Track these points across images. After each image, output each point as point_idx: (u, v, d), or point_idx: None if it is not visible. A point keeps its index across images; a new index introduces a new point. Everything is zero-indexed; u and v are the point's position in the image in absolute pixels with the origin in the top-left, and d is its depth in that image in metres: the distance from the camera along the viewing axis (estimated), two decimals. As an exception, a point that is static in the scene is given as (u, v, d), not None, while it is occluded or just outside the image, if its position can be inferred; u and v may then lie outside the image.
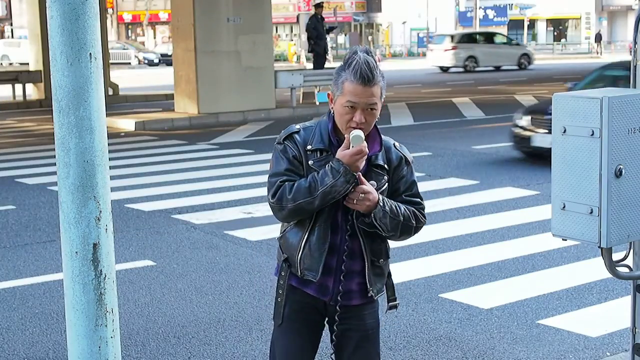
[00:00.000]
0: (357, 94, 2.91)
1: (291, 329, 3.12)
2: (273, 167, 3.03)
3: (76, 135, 2.29)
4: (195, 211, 8.97)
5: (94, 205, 2.32)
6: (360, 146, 2.89)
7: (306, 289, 3.08)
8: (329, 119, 3.05)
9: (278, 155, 3.03)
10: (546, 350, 5.05)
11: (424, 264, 6.90)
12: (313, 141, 3.01)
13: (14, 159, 13.08)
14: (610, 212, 3.17)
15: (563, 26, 69.32)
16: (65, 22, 2.26)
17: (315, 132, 3.03)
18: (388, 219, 2.98)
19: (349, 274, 3.05)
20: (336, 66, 3.42)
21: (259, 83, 19.01)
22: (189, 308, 5.93)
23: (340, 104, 2.94)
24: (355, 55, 2.93)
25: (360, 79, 2.89)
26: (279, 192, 2.95)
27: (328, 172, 2.91)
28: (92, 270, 2.34)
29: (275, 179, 2.99)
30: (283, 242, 3.10)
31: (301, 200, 2.92)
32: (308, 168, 2.99)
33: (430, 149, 13.19)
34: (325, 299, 3.08)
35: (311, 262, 3.01)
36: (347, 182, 2.91)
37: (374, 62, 2.92)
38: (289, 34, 66.48)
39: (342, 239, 3.03)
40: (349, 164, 2.89)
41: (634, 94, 3.24)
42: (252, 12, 19.13)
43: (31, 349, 5.24)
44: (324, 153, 3.00)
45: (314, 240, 3.00)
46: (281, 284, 3.09)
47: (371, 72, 2.90)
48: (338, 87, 2.95)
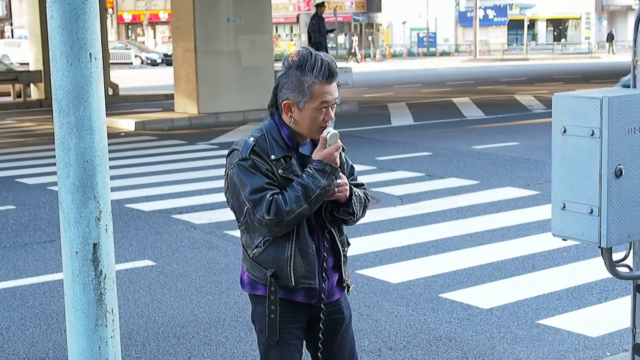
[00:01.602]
0: (328, 93, 2.91)
1: (287, 343, 3.07)
2: (247, 184, 2.91)
3: (76, 135, 2.29)
4: (195, 211, 8.97)
5: (94, 205, 2.32)
6: (338, 143, 2.94)
7: (295, 297, 3.05)
8: (278, 123, 2.99)
9: (249, 172, 2.91)
10: (546, 350, 5.05)
11: (424, 264, 6.90)
12: (274, 150, 2.94)
13: (14, 159, 13.08)
14: (610, 212, 3.18)
15: (563, 26, 69.33)
16: (65, 22, 2.26)
17: (269, 141, 2.95)
18: (359, 203, 3.09)
19: (328, 271, 3.08)
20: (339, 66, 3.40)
21: (259, 83, 18.99)
22: (189, 308, 5.93)
23: (312, 109, 2.90)
24: (313, 57, 2.89)
25: (328, 78, 2.89)
26: (272, 207, 2.87)
27: (316, 175, 2.89)
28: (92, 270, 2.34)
29: (260, 195, 2.89)
30: (265, 256, 2.99)
31: (299, 210, 2.89)
32: (279, 177, 2.94)
33: (430, 149, 13.19)
34: (313, 301, 3.07)
35: (305, 269, 2.99)
36: (336, 178, 2.95)
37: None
38: (289, 34, 66.47)
39: (319, 238, 3.05)
40: (331, 162, 2.92)
41: (634, 94, 3.24)
42: (252, 12, 19.12)
43: (31, 349, 5.24)
44: (287, 160, 2.96)
45: (302, 247, 2.98)
46: (272, 299, 3.00)
47: (335, 67, 2.92)
48: (304, 94, 2.89)
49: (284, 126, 2.98)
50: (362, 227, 8.02)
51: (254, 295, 3.09)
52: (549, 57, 52.76)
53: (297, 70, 2.89)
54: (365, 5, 67.73)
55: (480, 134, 15.25)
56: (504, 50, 58.40)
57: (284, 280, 2.99)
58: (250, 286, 3.08)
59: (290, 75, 2.91)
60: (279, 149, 2.95)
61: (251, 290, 3.09)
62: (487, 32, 63.69)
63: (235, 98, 18.78)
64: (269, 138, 2.96)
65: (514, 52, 60.23)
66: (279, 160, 2.94)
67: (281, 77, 2.95)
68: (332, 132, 2.92)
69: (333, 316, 3.14)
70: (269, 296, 3.00)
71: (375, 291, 6.22)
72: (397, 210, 8.93)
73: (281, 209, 2.87)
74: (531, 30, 67.00)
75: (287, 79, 2.92)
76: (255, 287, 3.06)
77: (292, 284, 2.99)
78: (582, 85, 25.33)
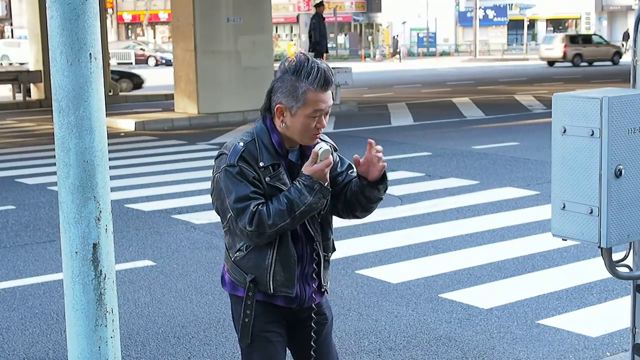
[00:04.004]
0: (322, 101, 2.87)
1: (270, 341, 3.06)
2: (232, 191, 2.88)
3: (76, 135, 2.29)
4: (195, 211, 8.97)
5: (94, 205, 2.32)
6: (329, 159, 2.89)
7: (275, 302, 3.04)
8: (270, 129, 2.95)
9: (235, 179, 2.88)
10: (546, 350, 5.05)
11: (424, 264, 6.90)
12: (263, 157, 2.91)
13: (14, 159, 13.08)
14: (610, 212, 3.18)
15: (563, 26, 69.29)
16: (65, 22, 2.26)
17: (259, 147, 2.92)
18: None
19: (309, 279, 3.07)
20: (336, 66, 3.38)
21: (259, 83, 18.96)
22: (189, 308, 5.93)
23: (304, 116, 2.87)
24: (310, 63, 2.86)
25: (324, 86, 2.86)
26: (255, 219, 2.84)
27: (304, 191, 2.86)
28: (92, 270, 2.34)
29: (244, 204, 2.86)
30: (246, 260, 2.98)
31: (282, 224, 2.86)
32: (266, 185, 2.92)
33: (430, 149, 13.19)
34: (293, 306, 3.07)
35: (285, 278, 2.98)
36: (324, 196, 2.91)
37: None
38: (289, 34, 66.48)
39: (303, 246, 3.03)
40: (320, 179, 2.87)
41: (634, 94, 3.24)
42: (252, 12, 19.12)
43: (31, 349, 5.24)
44: (275, 167, 2.94)
45: (283, 256, 2.97)
46: (249, 304, 2.99)
47: (331, 75, 2.89)
48: (298, 99, 2.86)
49: (274, 132, 2.95)
50: (362, 227, 8.02)
51: (234, 295, 3.09)
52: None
53: (293, 75, 2.86)
54: (365, 5, 67.74)
55: (480, 134, 15.25)
56: (504, 50, 58.40)
57: (263, 287, 2.99)
58: (231, 286, 3.08)
59: (285, 80, 2.88)
60: (268, 156, 2.92)
61: (231, 290, 3.09)
62: (487, 32, 63.69)
63: (235, 98, 18.78)
64: (258, 143, 2.93)
65: (514, 52, 60.24)
66: (267, 167, 2.91)
67: (276, 81, 2.92)
68: (325, 147, 2.88)
69: (315, 317, 3.13)
70: (246, 301, 3.00)
71: (375, 291, 6.23)
72: (397, 210, 8.93)
73: (264, 221, 2.84)
74: (531, 30, 67.00)
75: (281, 83, 2.89)
76: (236, 288, 3.06)
77: (271, 291, 2.99)
78: (582, 85, 25.34)
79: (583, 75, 31.37)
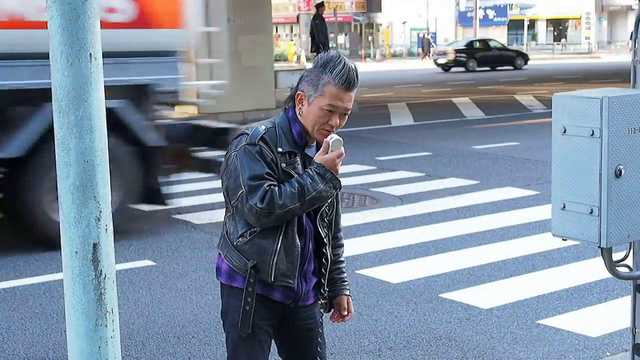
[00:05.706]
0: (339, 99, 2.88)
1: (258, 339, 3.04)
2: (247, 168, 2.89)
3: (76, 135, 2.29)
4: (195, 211, 8.96)
5: (94, 205, 2.32)
6: (340, 150, 2.91)
7: (272, 295, 3.02)
8: (291, 119, 2.98)
9: (253, 157, 2.90)
10: (546, 350, 5.05)
11: (424, 264, 6.90)
12: (282, 143, 2.93)
13: (14, 159, 13.05)
14: (610, 212, 3.18)
15: (563, 26, 69.33)
16: (65, 22, 2.26)
17: (279, 134, 2.95)
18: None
19: (308, 274, 3.07)
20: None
21: (258, 83, 18.99)
22: (189, 308, 5.93)
23: (318, 107, 2.89)
24: (339, 59, 2.89)
25: (345, 84, 2.87)
26: (267, 197, 2.85)
27: (315, 178, 2.88)
28: (92, 270, 2.34)
29: (258, 182, 2.87)
30: (249, 246, 2.96)
31: (291, 206, 2.87)
32: (281, 171, 2.93)
33: (430, 149, 13.19)
34: (288, 302, 3.06)
35: (287, 267, 2.97)
36: (335, 187, 2.92)
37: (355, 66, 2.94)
38: (289, 34, 66.48)
39: (307, 241, 3.04)
40: (332, 169, 2.90)
41: (634, 94, 3.25)
42: (252, 12, 19.12)
43: (31, 349, 5.24)
44: (292, 156, 2.95)
45: (288, 245, 2.96)
46: (250, 291, 2.97)
47: (357, 77, 2.90)
48: (317, 89, 2.89)
49: (296, 122, 2.97)
50: (362, 227, 8.03)
51: (229, 286, 3.04)
52: (549, 57, 52.77)
53: (321, 67, 2.91)
54: (365, 5, 67.72)
55: (480, 134, 15.25)
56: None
57: (263, 275, 2.96)
58: (228, 275, 3.04)
59: (313, 71, 2.93)
60: (287, 144, 2.95)
61: (227, 281, 3.04)
62: (487, 32, 63.67)
63: (235, 98, 18.74)
64: (278, 131, 2.95)
65: (514, 52, 60.13)
66: (284, 154, 2.93)
67: (306, 71, 2.97)
68: (336, 137, 2.91)
69: (306, 321, 3.13)
70: (247, 288, 2.97)
71: (375, 291, 6.22)
72: (397, 210, 8.93)
73: (275, 200, 2.85)
74: (531, 30, 67.01)
75: (309, 73, 2.94)
76: (233, 277, 3.02)
77: (271, 279, 2.96)
78: (582, 85, 25.33)
79: (583, 75, 31.35)
